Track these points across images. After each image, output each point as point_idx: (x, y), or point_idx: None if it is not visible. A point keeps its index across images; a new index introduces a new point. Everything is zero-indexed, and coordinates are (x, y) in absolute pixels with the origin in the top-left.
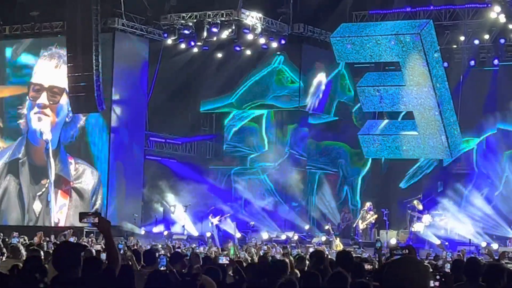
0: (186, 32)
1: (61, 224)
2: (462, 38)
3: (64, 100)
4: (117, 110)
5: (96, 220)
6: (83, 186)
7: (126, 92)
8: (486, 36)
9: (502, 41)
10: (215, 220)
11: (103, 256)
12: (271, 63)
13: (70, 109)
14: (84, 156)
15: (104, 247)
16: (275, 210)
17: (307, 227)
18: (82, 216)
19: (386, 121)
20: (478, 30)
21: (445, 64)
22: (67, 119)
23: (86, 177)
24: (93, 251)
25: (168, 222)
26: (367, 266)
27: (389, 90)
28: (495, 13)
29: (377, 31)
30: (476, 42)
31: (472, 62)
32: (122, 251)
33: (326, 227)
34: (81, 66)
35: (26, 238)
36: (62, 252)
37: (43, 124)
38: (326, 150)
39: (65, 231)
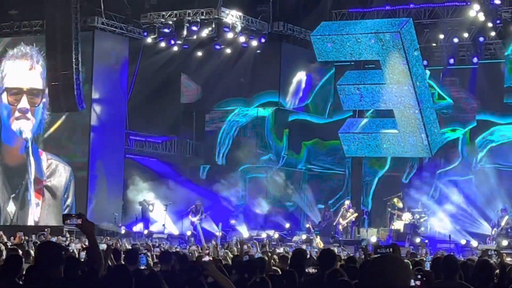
0: (166, 30)
1: (39, 223)
2: (441, 36)
3: (43, 100)
4: (97, 109)
5: (80, 221)
6: (55, 183)
7: (106, 91)
8: (466, 35)
9: (481, 39)
10: (195, 219)
11: (83, 255)
12: None
13: (48, 107)
14: (60, 152)
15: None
16: (257, 208)
17: (287, 225)
18: (66, 217)
19: (366, 119)
20: (457, 28)
21: (425, 62)
22: (45, 116)
23: (59, 174)
24: (74, 250)
25: (148, 221)
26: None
27: (369, 88)
28: (474, 12)
29: (357, 29)
30: (456, 40)
31: (452, 60)
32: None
33: (307, 225)
34: (61, 65)
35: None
36: (45, 252)
37: (23, 124)
38: (331, 150)
39: (43, 231)
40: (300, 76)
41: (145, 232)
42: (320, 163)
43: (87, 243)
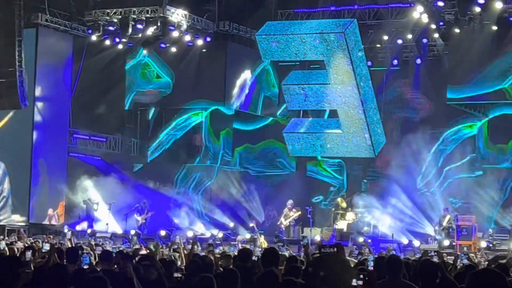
0: (111, 28)
1: None
2: (385, 37)
3: None
4: (40, 106)
5: None
6: None
7: (49, 89)
8: (409, 36)
9: (425, 40)
10: (140, 219)
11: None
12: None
13: None
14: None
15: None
16: (200, 208)
17: (231, 224)
18: None
19: (310, 119)
20: (401, 29)
21: (369, 63)
22: None
23: None
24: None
25: (92, 220)
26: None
27: (313, 88)
28: (418, 13)
29: (302, 29)
30: (399, 41)
31: (395, 61)
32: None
33: (251, 225)
34: (4, 62)
35: None
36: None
37: None
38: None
39: None
40: (246, 76)
41: (89, 231)
42: (253, 167)
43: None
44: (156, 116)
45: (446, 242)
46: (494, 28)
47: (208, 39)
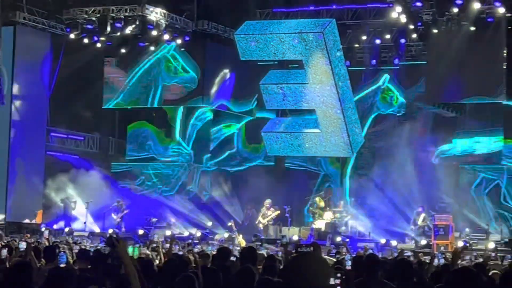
0: (89, 27)
1: None
2: (364, 37)
3: None
4: (18, 105)
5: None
6: None
7: (27, 87)
8: (388, 36)
9: (403, 41)
10: (117, 217)
11: (4, 252)
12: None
13: None
14: None
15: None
16: (179, 206)
17: (209, 224)
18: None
19: (289, 118)
20: (379, 30)
21: (347, 63)
22: None
23: None
24: None
25: (69, 218)
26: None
27: (292, 88)
28: (397, 13)
29: (281, 29)
30: (378, 41)
31: (374, 61)
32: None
33: (229, 224)
34: None
35: None
36: None
37: None
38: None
39: None
40: (224, 75)
41: (66, 229)
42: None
43: (5, 241)
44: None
45: (423, 242)
46: (472, 28)
47: (187, 38)
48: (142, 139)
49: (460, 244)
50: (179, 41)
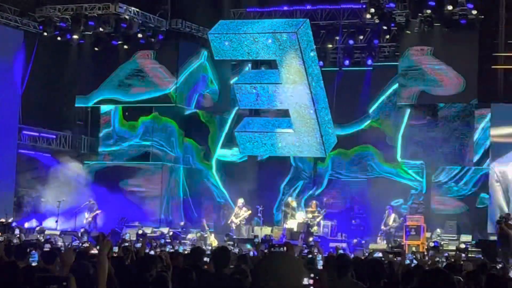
0: (63, 25)
1: None
2: (337, 38)
3: None
4: None
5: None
6: None
7: None
8: (361, 37)
9: (376, 42)
10: (88, 217)
11: None
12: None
13: None
14: None
15: None
16: (152, 205)
17: (182, 223)
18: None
19: (262, 118)
20: (353, 30)
21: (320, 63)
22: None
23: None
24: None
25: (40, 217)
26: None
27: (265, 87)
28: (370, 14)
29: (255, 29)
30: (351, 42)
31: (347, 62)
32: None
33: (202, 223)
34: None
35: None
36: None
37: None
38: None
39: None
40: (197, 74)
41: (38, 228)
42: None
43: None
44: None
45: (395, 242)
46: (445, 30)
47: (161, 37)
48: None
49: (431, 244)
50: (152, 39)
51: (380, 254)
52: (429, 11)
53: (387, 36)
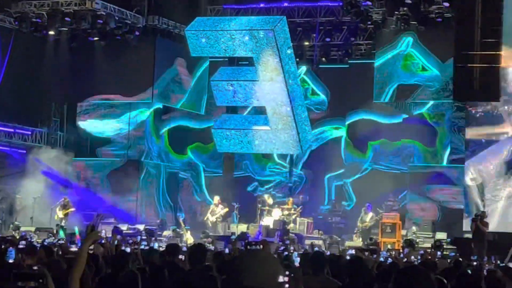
0: (38, 20)
1: None
2: (314, 35)
3: None
4: None
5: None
6: None
7: None
8: (338, 34)
9: (353, 39)
10: (61, 213)
11: None
12: None
13: None
14: None
15: None
16: (126, 203)
17: (158, 220)
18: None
19: (238, 115)
20: (329, 28)
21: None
22: None
23: None
24: None
25: (16, 214)
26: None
27: (242, 84)
28: (347, 12)
29: (232, 26)
30: (328, 39)
31: (324, 59)
32: None
33: (179, 220)
34: None
35: None
36: None
37: None
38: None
39: None
40: (174, 71)
41: (12, 225)
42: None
43: None
44: None
45: (369, 240)
46: (421, 28)
47: (137, 33)
48: None
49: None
50: (129, 36)
51: (353, 251)
52: (405, 9)
53: (364, 34)
